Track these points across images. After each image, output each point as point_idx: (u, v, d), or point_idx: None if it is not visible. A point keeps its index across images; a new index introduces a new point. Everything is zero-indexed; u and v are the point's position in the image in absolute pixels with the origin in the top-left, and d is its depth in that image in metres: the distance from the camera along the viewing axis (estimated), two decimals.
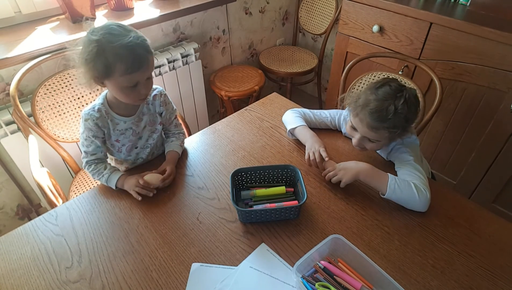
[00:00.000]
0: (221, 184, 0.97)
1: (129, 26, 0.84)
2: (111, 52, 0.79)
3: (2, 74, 1.33)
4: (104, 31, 0.80)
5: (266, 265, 0.76)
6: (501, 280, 0.73)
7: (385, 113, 0.84)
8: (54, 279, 0.74)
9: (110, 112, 0.94)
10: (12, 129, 1.33)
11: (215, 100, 2.25)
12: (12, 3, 1.38)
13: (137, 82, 0.85)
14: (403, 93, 0.86)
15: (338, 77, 1.83)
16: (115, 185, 0.93)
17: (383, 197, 0.87)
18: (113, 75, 0.82)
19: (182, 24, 1.82)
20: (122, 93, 0.87)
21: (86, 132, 0.93)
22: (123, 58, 0.79)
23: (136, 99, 0.90)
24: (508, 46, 1.23)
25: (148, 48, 0.84)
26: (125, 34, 0.80)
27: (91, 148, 0.95)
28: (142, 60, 0.83)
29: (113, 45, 0.78)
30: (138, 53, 0.81)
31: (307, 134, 1.04)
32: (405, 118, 0.86)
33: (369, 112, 0.86)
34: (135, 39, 0.80)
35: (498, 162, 1.45)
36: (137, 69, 0.82)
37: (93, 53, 0.79)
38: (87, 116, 0.91)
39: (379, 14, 1.56)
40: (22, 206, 1.63)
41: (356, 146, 0.97)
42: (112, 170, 0.95)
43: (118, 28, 0.81)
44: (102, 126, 0.93)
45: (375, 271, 0.69)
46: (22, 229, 0.85)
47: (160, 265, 0.77)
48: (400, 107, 0.84)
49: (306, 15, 2.29)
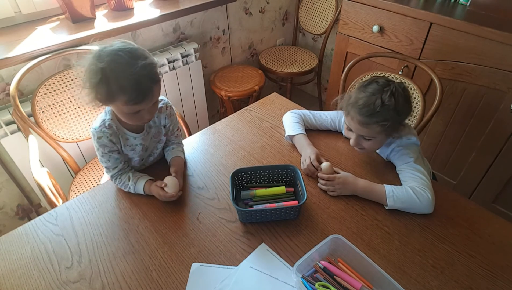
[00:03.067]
0: (221, 184, 0.97)
1: (140, 50, 0.80)
2: (115, 83, 0.77)
3: (2, 74, 1.33)
4: (111, 58, 0.77)
5: (266, 265, 0.76)
6: (501, 280, 0.73)
7: (373, 107, 0.86)
8: (54, 279, 0.74)
9: (120, 127, 0.92)
10: (12, 129, 1.33)
11: (215, 100, 2.25)
12: (12, 3, 1.38)
13: (140, 110, 0.83)
14: (390, 87, 0.88)
15: (338, 77, 1.82)
16: (144, 192, 0.93)
17: (387, 208, 0.88)
18: (116, 103, 0.81)
19: (182, 24, 1.82)
20: (124, 117, 0.86)
21: (101, 149, 0.90)
22: (126, 90, 0.77)
23: (139, 122, 0.89)
24: (508, 46, 1.23)
25: (154, 78, 0.81)
26: (132, 64, 0.76)
27: (110, 163, 0.93)
28: (146, 93, 0.80)
29: (117, 75, 0.76)
30: (143, 86, 0.78)
31: (304, 144, 1.04)
32: (394, 110, 0.86)
33: (358, 108, 0.88)
34: (141, 70, 0.77)
35: (498, 162, 1.45)
36: (140, 102, 0.80)
37: (97, 80, 0.77)
38: (99, 133, 0.89)
39: (379, 14, 1.56)
40: (22, 206, 1.63)
41: (354, 146, 0.97)
42: (136, 179, 0.93)
43: (125, 56, 0.77)
44: (116, 141, 0.92)
45: (375, 271, 0.69)
46: (22, 229, 0.85)
47: (160, 265, 0.77)
48: (387, 99, 0.85)
49: (306, 15, 2.29)
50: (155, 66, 0.82)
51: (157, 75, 0.82)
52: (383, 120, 0.86)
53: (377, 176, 0.98)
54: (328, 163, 0.96)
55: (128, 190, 0.93)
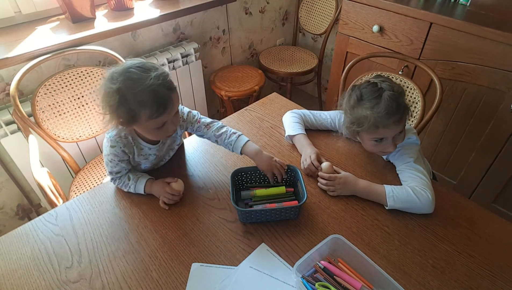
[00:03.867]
0: (221, 184, 0.97)
1: (148, 63, 0.80)
2: (133, 100, 0.76)
3: (2, 74, 1.33)
4: (124, 77, 0.76)
5: (266, 265, 0.76)
6: (501, 280, 0.73)
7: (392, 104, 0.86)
8: (54, 279, 0.74)
9: (136, 138, 0.91)
10: (12, 129, 1.33)
11: (215, 100, 2.25)
12: (12, 3, 1.38)
13: (165, 122, 0.83)
14: (377, 85, 0.90)
15: (338, 77, 1.82)
16: (144, 192, 0.92)
17: (387, 208, 0.88)
18: (140, 120, 0.79)
19: (182, 24, 1.82)
20: (150, 134, 0.86)
21: (111, 156, 0.90)
22: (147, 104, 0.77)
23: (164, 136, 0.89)
24: (508, 46, 1.23)
25: (170, 86, 0.81)
26: (145, 77, 0.76)
27: (115, 169, 0.93)
28: (167, 102, 0.79)
29: (134, 92, 0.76)
30: (161, 96, 0.78)
31: (304, 144, 1.04)
32: (402, 93, 0.90)
33: (385, 115, 0.86)
34: (155, 80, 0.76)
35: (498, 162, 1.45)
36: (163, 112, 0.79)
37: (116, 102, 0.77)
38: (114, 142, 0.88)
39: (379, 14, 1.56)
40: (22, 206, 1.63)
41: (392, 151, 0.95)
42: (136, 179, 0.93)
43: (137, 71, 0.77)
44: (129, 152, 0.91)
45: (375, 271, 0.69)
46: (22, 229, 0.85)
47: (160, 265, 0.77)
48: (387, 86, 0.88)
49: (306, 15, 2.29)
50: (167, 75, 0.81)
51: (171, 83, 0.82)
52: (403, 107, 0.89)
53: (377, 176, 0.98)
54: (329, 163, 0.96)
55: (128, 189, 0.93)
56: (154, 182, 0.92)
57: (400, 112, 0.87)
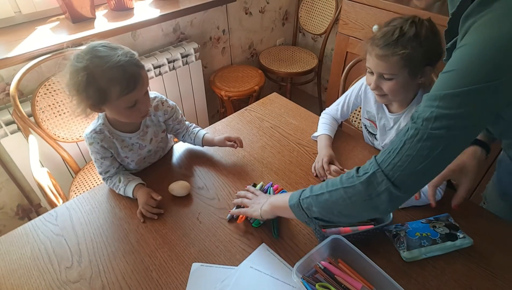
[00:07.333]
0: (221, 184, 0.97)
1: (114, 43, 0.79)
2: (102, 77, 0.75)
3: (2, 74, 1.33)
4: (90, 55, 0.75)
5: (266, 265, 0.76)
6: (501, 280, 0.73)
7: (391, 35, 0.78)
8: (54, 279, 0.74)
9: (114, 131, 0.91)
10: (12, 129, 1.33)
11: (215, 100, 2.25)
12: (12, 3, 1.38)
13: (136, 101, 0.82)
14: (414, 18, 0.78)
15: (338, 77, 1.82)
16: (133, 196, 0.92)
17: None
18: (110, 99, 0.78)
19: (182, 24, 1.82)
20: (122, 115, 0.84)
21: (94, 154, 0.90)
22: (117, 80, 0.76)
23: (138, 117, 0.87)
24: None
25: (138, 63, 0.80)
26: (112, 54, 0.75)
27: (102, 168, 0.93)
28: (136, 78, 0.78)
29: (102, 68, 0.74)
30: (131, 72, 0.77)
31: (322, 145, 1.04)
32: (416, 39, 0.75)
33: (376, 39, 0.81)
34: (123, 57, 0.76)
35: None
36: (133, 88, 0.78)
37: (84, 82, 0.75)
38: (90, 139, 0.88)
39: (379, 14, 1.56)
40: (22, 206, 1.63)
41: (373, 90, 0.89)
42: (126, 182, 0.92)
43: (103, 49, 0.76)
44: (109, 147, 0.91)
45: (375, 271, 0.69)
46: (22, 229, 0.86)
47: (160, 265, 0.77)
48: (407, 27, 0.76)
49: (306, 15, 2.29)
50: (134, 53, 0.81)
51: (139, 61, 0.81)
52: (402, 49, 0.76)
53: None
54: (339, 168, 0.96)
55: (118, 191, 0.93)
56: (141, 189, 0.91)
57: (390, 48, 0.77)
